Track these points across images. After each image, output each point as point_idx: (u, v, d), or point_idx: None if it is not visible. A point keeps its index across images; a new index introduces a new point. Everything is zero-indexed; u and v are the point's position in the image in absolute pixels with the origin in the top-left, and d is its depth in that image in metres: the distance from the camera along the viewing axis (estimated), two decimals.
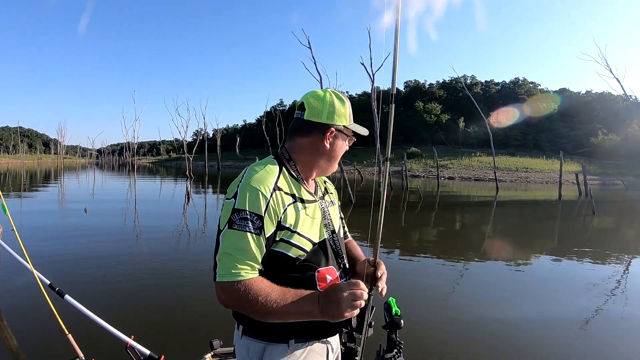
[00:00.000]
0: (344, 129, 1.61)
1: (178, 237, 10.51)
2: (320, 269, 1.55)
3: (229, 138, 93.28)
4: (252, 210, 1.40)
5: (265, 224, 1.42)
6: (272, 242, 1.46)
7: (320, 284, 1.53)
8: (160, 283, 6.42)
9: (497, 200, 24.21)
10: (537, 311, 5.73)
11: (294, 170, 1.60)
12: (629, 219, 18.36)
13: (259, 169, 1.50)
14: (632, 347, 4.65)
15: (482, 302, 6.01)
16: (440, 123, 76.36)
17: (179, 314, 5.15)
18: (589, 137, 62.95)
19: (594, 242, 11.90)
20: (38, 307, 3.67)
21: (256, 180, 1.45)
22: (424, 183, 37.98)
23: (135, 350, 2.86)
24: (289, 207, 1.48)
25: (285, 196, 1.48)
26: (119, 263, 7.49)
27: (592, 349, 4.54)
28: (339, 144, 1.62)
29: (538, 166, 52.78)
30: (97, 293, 5.77)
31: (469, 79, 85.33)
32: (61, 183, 31.22)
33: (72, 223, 11.97)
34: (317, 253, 1.56)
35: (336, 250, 1.64)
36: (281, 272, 1.48)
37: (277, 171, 1.52)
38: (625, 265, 8.71)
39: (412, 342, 3.82)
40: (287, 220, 1.46)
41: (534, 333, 4.87)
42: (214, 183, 33.84)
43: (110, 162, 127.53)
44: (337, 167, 1.71)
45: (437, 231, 13.23)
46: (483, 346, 4.49)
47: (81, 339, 2.92)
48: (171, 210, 16.32)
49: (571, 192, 29.62)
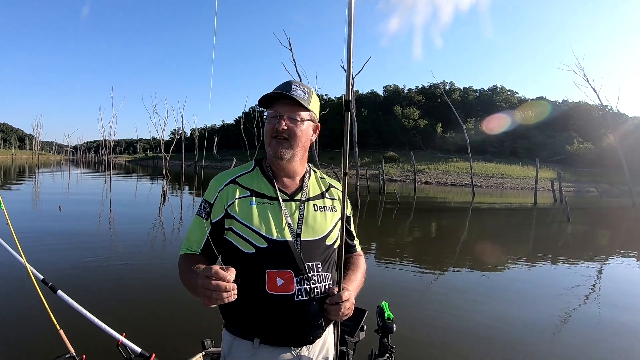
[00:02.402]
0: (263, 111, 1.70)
1: (171, 236, 10.54)
2: (269, 270, 1.53)
3: (207, 138, 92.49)
4: (206, 198, 1.64)
5: (213, 210, 1.60)
6: (223, 229, 1.61)
7: (269, 285, 1.51)
8: (153, 281, 6.43)
9: (473, 205, 24.56)
10: (517, 316, 5.86)
11: (265, 167, 1.71)
12: (602, 226, 18.82)
13: (232, 168, 1.73)
14: (605, 352, 4.78)
15: (463, 308, 6.09)
16: (418, 128, 76.83)
17: (172, 312, 5.14)
18: (565, 145, 64.08)
19: (568, 247, 12.23)
20: (30, 302, 3.64)
21: (217, 176, 1.69)
22: (401, 187, 38.19)
23: (126, 348, 2.84)
24: (240, 199, 1.60)
25: (240, 189, 1.62)
26: (111, 261, 7.51)
27: (566, 353, 4.65)
28: (265, 126, 1.69)
29: (514, 172, 53.49)
30: (89, 290, 5.76)
31: (447, 85, 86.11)
32: (35, 179, 30.60)
33: (66, 223, 11.78)
34: (270, 252, 1.55)
35: (299, 256, 1.57)
36: (237, 265, 1.42)
37: (247, 169, 1.71)
38: (598, 270, 8.97)
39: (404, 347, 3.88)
40: (234, 210, 1.58)
41: (515, 337, 5.00)
42: (191, 183, 33.55)
43: (86, 159, 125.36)
44: (269, 147, 1.66)
45: (412, 237, 13.38)
46: (467, 351, 4.59)
47: (72, 335, 2.89)
48: (167, 210, 16.16)
49: (546, 199, 30.22)
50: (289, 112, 1.62)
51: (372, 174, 44.86)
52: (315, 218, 1.67)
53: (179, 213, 15.60)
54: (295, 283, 1.54)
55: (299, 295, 1.53)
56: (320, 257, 1.64)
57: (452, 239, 12.76)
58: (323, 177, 1.86)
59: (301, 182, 1.73)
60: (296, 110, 1.63)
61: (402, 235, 13.12)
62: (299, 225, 1.62)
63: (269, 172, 1.69)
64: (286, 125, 1.61)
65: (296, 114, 1.63)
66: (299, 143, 1.66)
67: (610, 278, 8.48)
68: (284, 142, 1.63)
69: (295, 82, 1.65)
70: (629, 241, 14.06)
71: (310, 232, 1.63)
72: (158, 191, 23.22)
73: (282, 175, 1.70)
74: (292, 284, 1.53)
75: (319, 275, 1.60)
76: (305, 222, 1.64)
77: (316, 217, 1.68)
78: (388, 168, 52.58)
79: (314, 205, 1.70)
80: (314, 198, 1.73)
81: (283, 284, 1.52)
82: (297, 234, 1.60)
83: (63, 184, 28.22)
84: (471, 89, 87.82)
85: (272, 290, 1.51)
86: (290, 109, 1.63)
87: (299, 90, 1.62)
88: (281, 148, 1.63)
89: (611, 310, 6.29)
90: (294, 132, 1.63)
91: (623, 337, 5.23)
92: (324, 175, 1.87)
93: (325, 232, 1.68)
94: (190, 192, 25.80)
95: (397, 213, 18.18)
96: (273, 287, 1.52)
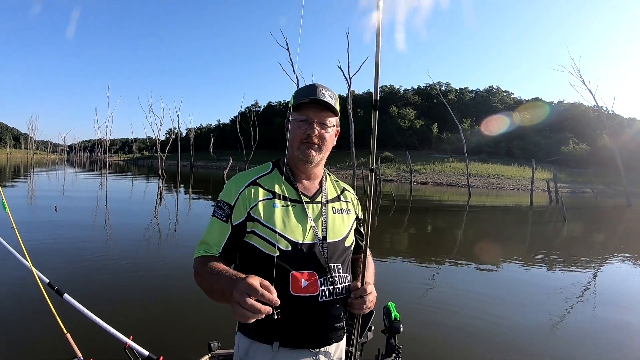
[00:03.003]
0: (291, 114, 1.63)
1: (178, 239, 10.56)
2: (294, 271, 1.51)
3: (203, 138, 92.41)
4: (225, 200, 1.59)
5: (234, 212, 1.56)
6: (244, 232, 1.56)
7: (293, 287, 1.50)
8: (158, 284, 6.42)
9: (469, 205, 24.64)
10: (519, 315, 5.88)
11: (285, 168, 1.68)
12: (598, 225, 18.95)
13: (251, 168, 1.69)
14: (600, 349, 4.81)
15: (466, 307, 6.08)
16: (414, 128, 77.05)
17: (178, 315, 5.12)
18: (560, 145, 64.48)
19: (565, 246, 12.33)
20: (36, 306, 3.62)
21: (238, 176, 1.65)
22: (397, 187, 38.30)
23: (133, 351, 2.83)
24: (262, 201, 1.56)
25: (262, 191, 1.59)
26: (115, 262, 7.49)
27: (561, 352, 4.67)
28: (290, 129, 1.62)
29: (510, 173, 53.82)
30: (96, 293, 5.75)
31: (443, 85, 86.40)
32: (31, 179, 30.47)
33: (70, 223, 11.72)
34: (295, 254, 1.53)
35: (323, 257, 1.57)
36: (259, 268, 1.47)
37: (266, 170, 1.68)
38: (595, 270, 9.03)
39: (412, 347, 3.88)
40: (257, 212, 1.54)
41: (515, 335, 5.02)
42: (187, 183, 33.52)
43: (81, 158, 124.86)
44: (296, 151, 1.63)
45: (411, 237, 13.41)
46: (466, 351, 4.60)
47: (80, 339, 2.88)
48: (165, 211, 16.11)
49: (542, 199, 30.39)
50: (319, 118, 1.62)
51: (368, 174, 44.82)
52: (334, 220, 1.68)
53: (180, 214, 15.52)
54: (319, 284, 1.54)
55: (322, 297, 1.53)
56: (340, 258, 1.65)
57: (450, 239, 12.79)
58: (337, 180, 1.87)
59: (320, 184, 1.74)
60: (327, 116, 1.64)
61: (401, 235, 13.13)
62: (323, 227, 1.63)
63: (289, 174, 1.68)
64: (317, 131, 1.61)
65: (326, 120, 1.63)
66: (328, 148, 1.67)
67: (607, 277, 8.58)
68: (315, 147, 1.62)
69: (322, 86, 1.63)
70: (625, 241, 14.20)
71: (332, 234, 1.64)
72: (154, 191, 23.15)
73: (303, 177, 1.70)
74: (316, 285, 1.53)
75: (340, 276, 1.61)
76: (327, 224, 1.64)
77: (335, 219, 1.69)
78: (384, 168, 52.77)
79: (332, 208, 1.71)
80: (332, 200, 1.74)
81: (308, 285, 1.52)
82: (322, 236, 1.61)
83: (58, 183, 28.13)
84: (467, 89, 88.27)
85: (297, 292, 1.50)
86: (320, 114, 1.62)
87: (327, 95, 1.61)
88: (312, 152, 1.62)
89: (607, 308, 6.35)
90: (324, 138, 1.64)
91: (618, 334, 5.27)
92: (337, 179, 1.88)
93: (344, 234, 1.70)
94: (186, 192, 25.78)
95: (394, 213, 18.21)
96: (297, 289, 1.50)
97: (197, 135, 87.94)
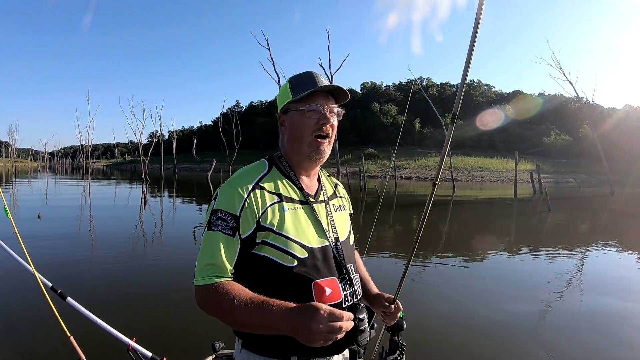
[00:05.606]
0: (291, 104, 1.46)
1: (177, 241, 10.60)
2: (317, 280, 1.37)
3: (185, 140, 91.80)
4: (227, 210, 1.34)
5: (241, 224, 1.33)
6: (254, 244, 1.35)
7: (317, 297, 1.35)
8: (162, 285, 6.46)
9: (454, 199, 24.82)
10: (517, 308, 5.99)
11: (285, 166, 1.50)
12: (583, 215, 19.25)
13: (243, 169, 1.47)
14: (589, 337, 4.93)
15: (459, 301, 6.23)
16: (397, 124, 77.22)
17: (181, 316, 5.13)
18: (542, 137, 65.14)
19: (551, 236, 12.58)
20: (40, 310, 3.62)
21: (235, 180, 1.41)
22: (381, 183, 38.38)
23: (137, 353, 2.85)
24: (271, 206, 1.37)
25: (267, 195, 1.38)
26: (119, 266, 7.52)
27: (551, 341, 4.74)
28: (294, 121, 1.46)
29: (493, 166, 54.30)
30: (98, 295, 5.77)
31: (424, 81, 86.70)
32: (13, 187, 30.06)
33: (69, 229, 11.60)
34: (314, 261, 1.39)
35: (339, 260, 1.45)
36: (273, 282, 1.35)
37: (263, 170, 1.46)
38: (581, 259, 9.22)
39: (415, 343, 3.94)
40: (268, 220, 1.35)
41: (514, 331, 5.12)
42: (170, 186, 33.29)
43: (63, 165, 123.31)
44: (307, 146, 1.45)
45: (398, 232, 13.50)
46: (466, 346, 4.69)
47: (83, 341, 2.90)
48: (158, 215, 16.03)
49: (526, 190, 30.75)
50: (329, 106, 1.46)
51: (352, 171, 44.93)
52: (338, 218, 1.56)
53: (168, 216, 15.49)
54: (341, 290, 1.42)
55: (346, 302, 1.42)
56: (352, 258, 1.55)
57: (436, 233, 12.85)
58: (329, 175, 1.75)
59: (318, 181, 1.60)
60: (333, 104, 1.49)
61: (387, 231, 13.18)
62: (333, 227, 1.50)
63: (289, 172, 1.49)
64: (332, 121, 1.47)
65: (335, 108, 1.49)
66: (333, 140, 1.53)
67: (593, 264, 8.79)
68: (325, 140, 1.47)
69: (318, 74, 1.48)
70: (610, 228, 14.46)
71: (340, 233, 1.52)
72: (138, 195, 22.99)
73: (304, 175, 1.53)
74: (338, 291, 1.41)
75: (355, 277, 1.51)
76: (335, 223, 1.52)
77: (338, 217, 1.57)
78: (368, 165, 52.84)
79: (332, 205, 1.58)
80: (331, 197, 1.61)
81: (332, 292, 1.39)
82: (335, 237, 1.48)
83: (41, 191, 27.73)
84: (448, 84, 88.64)
85: (321, 301, 1.30)
86: (329, 102, 1.47)
87: (328, 82, 1.46)
88: (324, 147, 1.47)
89: (594, 296, 6.50)
90: (334, 129, 1.49)
91: (606, 322, 5.38)
92: (328, 173, 1.75)
93: (348, 232, 1.60)
94: (170, 195, 25.62)
95: (380, 209, 18.24)
96: (322, 298, 1.35)
97: (180, 138, 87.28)
